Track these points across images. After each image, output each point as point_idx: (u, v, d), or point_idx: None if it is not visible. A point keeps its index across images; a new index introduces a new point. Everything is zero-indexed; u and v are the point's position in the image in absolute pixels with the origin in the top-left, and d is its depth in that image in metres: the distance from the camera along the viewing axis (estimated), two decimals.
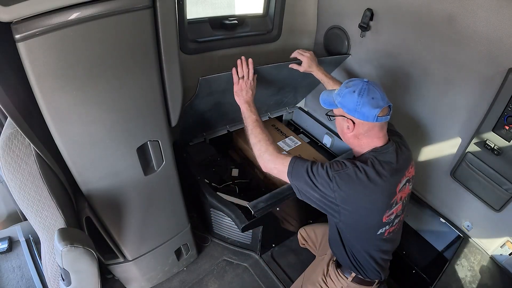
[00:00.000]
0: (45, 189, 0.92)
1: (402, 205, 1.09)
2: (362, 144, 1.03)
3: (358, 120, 0.98)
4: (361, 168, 0.95)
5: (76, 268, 0.89)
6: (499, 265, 1.53)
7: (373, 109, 0.94)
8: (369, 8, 1.55)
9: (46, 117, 0.83)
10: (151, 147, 1.12)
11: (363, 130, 0.99)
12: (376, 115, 0.94)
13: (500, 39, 1.15)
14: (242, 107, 1.23)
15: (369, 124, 0.97)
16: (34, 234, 1.76)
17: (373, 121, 0.96)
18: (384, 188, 0.97)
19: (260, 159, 1.10)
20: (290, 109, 2.27)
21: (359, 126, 0.99)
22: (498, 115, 1.23)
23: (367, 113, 0.95)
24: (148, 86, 0.98)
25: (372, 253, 1.12)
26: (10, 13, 0.65)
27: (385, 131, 1.02)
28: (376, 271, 1.16)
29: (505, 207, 1.36)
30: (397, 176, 1.01)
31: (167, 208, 1.39)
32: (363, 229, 1.06)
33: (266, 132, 1.14)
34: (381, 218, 1.02)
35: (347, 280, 1.21)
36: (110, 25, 0.79)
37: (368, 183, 0.94)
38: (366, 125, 0.98)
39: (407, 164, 1.06)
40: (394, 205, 1.03)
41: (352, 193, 0.96)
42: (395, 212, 1.06)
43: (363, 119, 0.96)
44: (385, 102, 0.96)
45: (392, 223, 1.08)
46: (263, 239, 1.75)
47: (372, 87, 0.96)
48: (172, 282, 1.72)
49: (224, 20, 1.63)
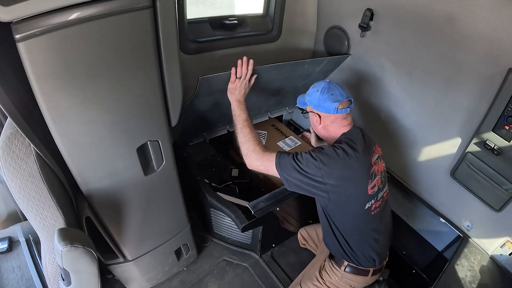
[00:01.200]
0: (45, 189, 0.92)
1: (381, 179, 1.19)
2: (331, 133, 1.19)
3: (323, 113, 1.17)
4: (338, 147, 1.10)
5: (76, 268, 0.89)
6: (499, 265, 1.53)
7: (332, 103, 1.13)
8: (369, 8, 1.55)
9: (46, 117, 0.83)
10: (151, 147, 1.12)
11: (328, 121, 1.18)
12: (336, 107, 1.13)
13: (500, 39, 1.15)
14: (233, 104, 1.30)
15: (331, 116, 1.16)
16: (34, 234, 1.76)
17: (334, 113, 1.14)
18: (360, 160, 1.09)
19: (246, 158, 1.19)
20: (290, 109, 2.27)
21: (325, 118, 1.18)
22: (498, 115, 1.23)
23: (328, 106, 1.14)
24: (148, 86, 0.98)
25: (363, 232, 1.17)
26: (10, 13, 0.65)
27: (349, 121, 1.19)
28: (369, 258, 1.18)
29: (505, 207, 1.36)
30: (368, 151, 1.14)
31: (167, 208, 1.39)
32: (351, 205, 1.12)
33: (254, 132, 1.22)
34: (366, 189, 1.10)
35: (341, 270, 1.23)
36: (110, 25, 0.79)
37: (346, 157, 1.07)
38: (329, 116, 1.16)
39: (372, 143, 1.20)
40: (373, 176, 1.13)
41: (335, 167, 1.06)
42: (376, 185, 1.14)
43: (325, 111, 1.16)
44: (344, 97, 1.14)
45: (377, 197, 1.16)
46: (263, 239, 1.75)
47: (332, 86, 1.16)
48: (172, 282, 1.72)
49: (224, 20, 1.63)
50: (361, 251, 1.19)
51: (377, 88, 1.74)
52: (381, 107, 1.77)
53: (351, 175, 1.08)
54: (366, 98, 1.85)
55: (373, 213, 1.15)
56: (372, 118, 1.85)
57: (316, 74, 1.85)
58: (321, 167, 1.05)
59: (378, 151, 1.21)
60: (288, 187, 1.12)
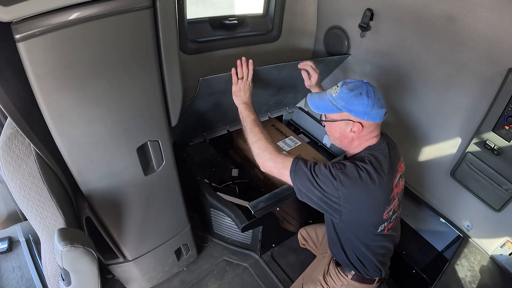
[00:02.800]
0: (45, 189, 0.91)
1: (398, 201, 1.11)
2: (360, 144, 1.04)
3: (367, 122, 0.98)
4: (362, 168, 0.95)
5: (76, 268, 0.89)
6: (499, 265, 1.53)
7: (380, 109, 0.96)
8: (369, 8, 1.55)
9: (46, 117, 0.83)
10: (151, 147, 1.12)
11: (368, 131, 1.00)
12: (383, 114, 0.97)
13: (500, 39, 1.15)
14: (240, 107, 1.23)
15: (374, 124, 1.00)
16: (34, 234, 1.76)
17: (380, 121, 0.99)
18: (383, 185, 0.98)
19: (258, 158, 1.09)
20: (290, 109, 2.27)
21: (366, 128, 0.99)
22: (498, 115, 1.23)
23: (376, 114, 0.96)
24: (148, 86, 0.97)
25: (373, 249, 1.13)
26: (10, 13, 0.65)
27: (380, 129, 1.05)
28: (377, 268, 1.17)
29: (505, 207, 1.36)
30: (392, 171, 1.02)
31: (167, 208, 1.39)
32: (364, 227, 1.07)
33: (265, 132, 1.13)
34: (382, 214, 1.03)
35: (347, 278, 1.21)
36: (110, 25, 0.79)
37: (371, 182, 0.95)
38: (372, 125, 1.00)
39: (398, 160, 1.08)
40: (392, 200, 1.04)
41: (356, 192, 0.96)
42: (392, 208, 1.07)
43: (373, 120, 0.97)
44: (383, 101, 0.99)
45: (390, 219, 1.10)
46: (263, 239, 1.75)
47: (374, 88, 0.98)
48: (172, 282, 1.72)
49: (224, 20, 1.63)
50: (369, 264, 1.16)
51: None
52: None
53: (371, 203, 0.99)
54: None
55: (385, 232, 1.10)
56: None
57: None
58: (340, 188, 0.94)
59: (401, 168, 1.10)
60: (300, 197, 1.03)
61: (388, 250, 1.19)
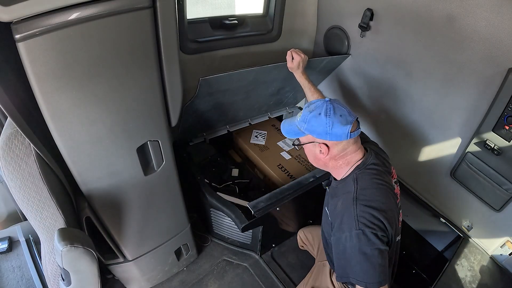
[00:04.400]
0: (45, 189, 0.91)
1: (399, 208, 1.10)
2: (341, 164, 1.00)
3: (331, 142, 0.94)
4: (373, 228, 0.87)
5: (76, 268, 0.89)
6: (499, 265, 1.53)
7: (344, 127, 0.91)
8: (369, 8, 1.55)
9: (46, 117, 0.83)
10: (151, 147, 1.12)
11: (338, 151, 0.97)
12: (349, 131, 0.92)
13: (500, 39, 1.15)
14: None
15: (342, 143, 0.95)
16: (34, 234, 1.76)
17: (347, 139, 0.93)
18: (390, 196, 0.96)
19: None
20: (290, 109, 2.27)
21: (334, 148, 0.96)
22: (498, 115, 1.23)
23: (339, 132, 0.92)
24: (148, 86, 0.97)
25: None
26: (10, 13, 0.65)
27: (359, 144, 1.00)
28: None
29: (505, 207, 1.36)
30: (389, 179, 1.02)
31: (167, 208, 1.39)
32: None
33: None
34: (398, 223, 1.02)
35: None
36: (110, 25, 0.79)
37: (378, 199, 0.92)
38: (340, 144, 0.95)
39: (389, 166, 1.07)
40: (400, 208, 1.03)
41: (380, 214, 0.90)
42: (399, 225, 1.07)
43: (336, 139, 0.93)
44: (352, 116, 0.94)
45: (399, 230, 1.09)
46: (263, 239, 1.75)
47: (336, 105, 0.94)
48: (172, 282, 1.72)
49: (224, 20, 1.63)
50: None
51: (377, 88, 1.74)
52: (381, 107, 1.77)
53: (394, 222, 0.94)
54: (366, 99, 1.85)
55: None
56: (372, 119, 1.85)
57: (316, 74, 1.85)
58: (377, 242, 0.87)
59: (395, 174, 1.07)
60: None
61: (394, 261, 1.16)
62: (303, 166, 1.86)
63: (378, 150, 1.10)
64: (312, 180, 1.58)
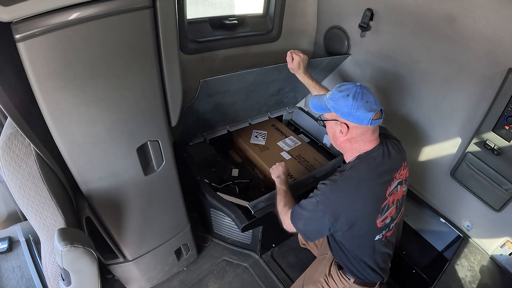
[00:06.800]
0: (45, 189, 0.92)
1: (396, 209, 1.10)
2: (354, 148, 1.04)
3: (352, 124, 0.99)
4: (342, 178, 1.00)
5: (76, 268, 0.89)
6: (499, 265, 1.53)
7: (367, 113, 0.95)
8: (369, 8, 1.55)
9: (46, 117, 0.83)
10: (151, 147, 1.12)
11: (356, 134, 1.01)
12: (371, 118, 0.96)
13: (500, 39, 1.15)
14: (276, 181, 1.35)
15: (362, 127, 0.99)
16: (34, 234, 1.76)
17: (367, 125, 0.97)
18: (370, 194, 1.00)
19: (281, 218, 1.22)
20: (290, 109, 2.27)
21: (353, 130, 1.00)
22: (498, 115, 1.23)
23: (362, 116, 0.96)
24: (148, 86, 0.98)
25: (373, 257, 1.13)
26: (10, 13, 0.65)
27: (377, 135, 1.04)
28: (378, 274, 1.16)
29: (505, 207, 1.36)
30: (385, 179, 1.03)
31: (167, 208, 1.39)
32: (360, 238, 1.08)
33: (292, 201, 1.23)
34: (375, 223, 1.03)
35: (349, 281, 1.21)
36: (110, 25, 0.79)
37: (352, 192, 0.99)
38: (360, 128, 0.99)
39: (397, 166, 1.07)
40: (385, 209, 1.04)
41: (339, 205, 1.00)
42: (389, 216, 1.07)
43: (357, 122, 0.97)
44: (377, 105, 0.98)
45: (389, 227, 1.10)
46: (263, 239, 1.75)
47: (365, 91, 0.98)
48: (172, 282, 1.72)
49: (224, 20, 1.63)
50: (369, 270, 1.15)
51: (377, 88, 1.74)
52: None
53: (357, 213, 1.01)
54: None
55: (384, 241, 1.11)
56: None
57: (316, 74, 1.85)
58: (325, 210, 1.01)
59: (402, 174, 1.09)
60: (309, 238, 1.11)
61: (388, 256, 1.19)
62: (303, 166, 1.86)
63: (394, 146, 1.10)
64: (312, 180, 1.58)
